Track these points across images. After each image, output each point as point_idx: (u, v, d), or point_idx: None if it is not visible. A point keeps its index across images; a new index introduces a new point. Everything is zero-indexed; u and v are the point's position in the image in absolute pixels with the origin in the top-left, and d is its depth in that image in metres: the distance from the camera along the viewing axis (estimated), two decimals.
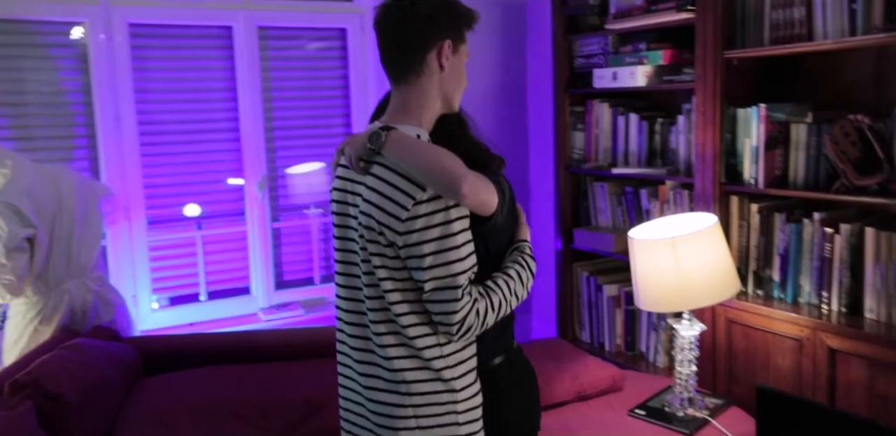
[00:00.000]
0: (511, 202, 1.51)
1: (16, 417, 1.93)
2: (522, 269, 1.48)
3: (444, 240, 1.32)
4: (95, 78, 2.99)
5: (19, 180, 2.52)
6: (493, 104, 3.72)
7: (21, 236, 2.44)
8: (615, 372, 2.64)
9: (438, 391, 1.40)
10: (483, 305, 1.36)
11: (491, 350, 1.53)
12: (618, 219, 3.10)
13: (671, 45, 2.73)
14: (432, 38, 1.41)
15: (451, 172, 1.29)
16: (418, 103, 1.44)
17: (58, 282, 2.58)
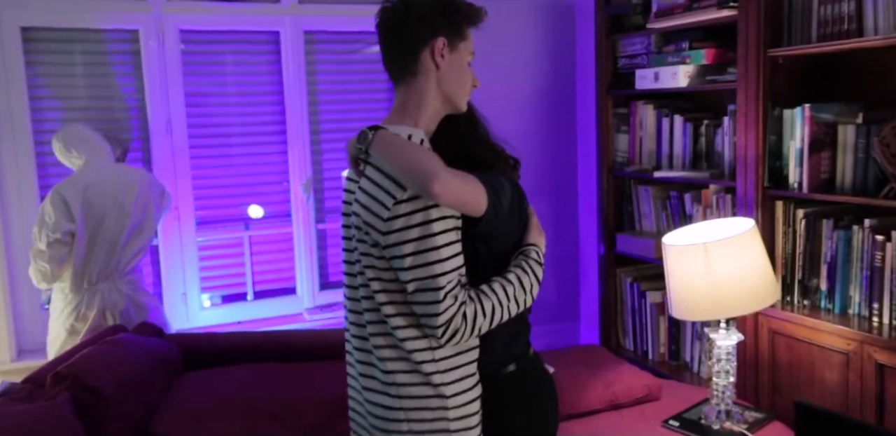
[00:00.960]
0: (517, 204, 1.47)
1: (52, 407, 2.01)
2: (525, 274, 1.43)
3: (424, 240, 1.30)
4: (148, 83, 3.11)
5: (82, 177, 2.67)
6: (542, 107, 3.68)
7: (64, 229, 2.57)
8: (651, 381, 2.56)
9: (428, 396, 1.38)
10: (472, 309, 1.33)
11: (500, 358, 1.49)
12: (662, 224, 3.02)
13: (715, 44, 2.64)
14: (425, 37, 1.39)
15: (423, 169, 1.27)
16: (415, 103, 1.42)
17: (93, 282, 2.68)
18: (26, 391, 2.08)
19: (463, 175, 1.32)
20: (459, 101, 1.47)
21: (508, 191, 1.43)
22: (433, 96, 1.43)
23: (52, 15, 2.97)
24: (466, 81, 1.47)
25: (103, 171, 2.71)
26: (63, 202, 2.58)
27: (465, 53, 1.45)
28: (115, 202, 2.69)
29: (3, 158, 2.94)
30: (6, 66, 2.92)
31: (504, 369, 1.50)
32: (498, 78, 3.58)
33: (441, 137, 1.47)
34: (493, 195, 1.36)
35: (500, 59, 3.57)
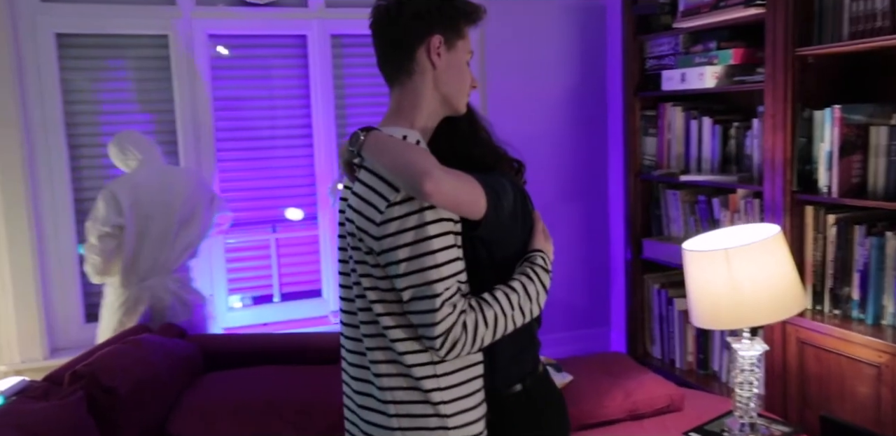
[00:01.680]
0: (520, 207, 1.40)
1: (66, 405, 2.05)
2: (530, 281, 1.34)
3: (419, 244, 1.23)
4: (177, 87, 3.15)
5: (134, 176, 2.78)
6: (572, 109, 3.63)
7: (113, 223, 2.67)
8: (673, 391, 2.49)
9: (427, 415, 1.30)
10: (473, 318, 1.25)
11: (506, 376, 1.41)
12: (690, 229, 2.93)
13: (744, 44, 2.56)
14: (420, 34, 1.34)
15: (414, 167, 1.20)
16: (411, 104, 1.37)
17: (142, 278, 2.77)
18: (43, 389, 2.12)
19: (459, 174, 1.26)
20: (458, 103, 1.41)
21: (511, 193, 1.36)
22: (430, 97, 1.38)
23: (85, 21, 3.04)
24: (465, 82, 1.41)
25: (154, 170, 2.82)
26: (113, 198, 2.70)
27: (463, 52, 1.40)
28: (163, 200, 2.78)
29: (38, 162, 3.02)
30: (41, 72, 3.00)
31: (510, 389, 1.41)
32: (528, 79, 3.54)
33: (441, 139, 1.42)
34: (494, 197, 1.29)
35: (530, 60, 3.54)
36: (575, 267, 3.77)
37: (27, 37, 2.97)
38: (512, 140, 3.73)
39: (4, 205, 2.92)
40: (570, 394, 2.45)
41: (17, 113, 2.92)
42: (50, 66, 3.01)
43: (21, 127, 2.93)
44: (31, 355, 3.01)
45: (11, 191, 2.93)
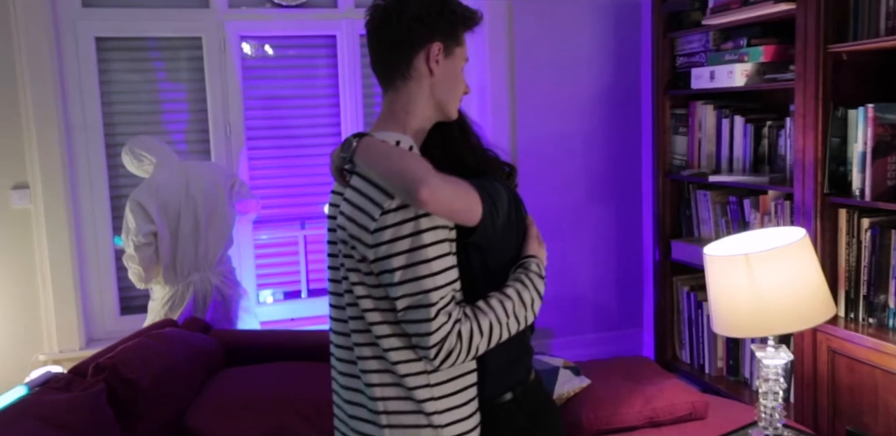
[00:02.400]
0: (514, 213, 1.38)
1: (86, 397, 2.10)
2: (525, 288, 1.31)
3: (414, 253, 1.21)
4: (209, 88, 3.21)
5: (153, 180, 2.85)
6: (606, 107, 3.56)
7: (146, 232, 2.76)
8: (696, 398, 2.42)
9: (420, 426, 1.28)
10: (468, 327, 1.22)
11: (496, 384, 1.38)
12: (721, 230, 2.85)
13: (777, 41, 2.47)
14: (420, 40, 1.32)
15: (410, 174, 1.18)
16: (404, 109, 1.35)
17: (185, 273, 2.87)
18: (66, 381, 2.18)
19: (455, 181, 1.24)
20: (450, 109, 1.39)
21: (505, 199, 1.34)
22: (424, 103, 1.36)
23: (123, 25, 3.11)
24: (459, 88, 1.39)
25: (172, 169, 2.88)
26: (140, 207, 2.78)
27: (460, 59, 1.38)
28: (188, 195, 2.85)
29: (77, 161, 3.11)
30: (81, 75, 3.09)
31: (500, 398, 1.39)
32: (560, 77, 3.50)
33: (432, 144, 1.40)
34: (489, 203, 1.27)
35: (562, 57, 3.49)
36: (608, 268, 3.71)
37: (69, 41, 3.06)
38: (542, 139, 3.70)
39: (45, 202, 3.02)
40: (587, 398, 2.42)
41: (58, 114, 3.01)
42: (90, 68, 3.10)
43: (61, 127, 3.02)
44: (68, 345, 3.11)
45: (52, 188, 3.02)
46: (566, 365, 2.56)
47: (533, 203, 3.48)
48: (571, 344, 3.70)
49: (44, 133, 2.99)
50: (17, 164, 3.01)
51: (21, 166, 3.01)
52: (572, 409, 2.40)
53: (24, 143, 2.99)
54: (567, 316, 3.70)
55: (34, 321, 3.09)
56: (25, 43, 2.93)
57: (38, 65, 2.95)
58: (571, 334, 3.72)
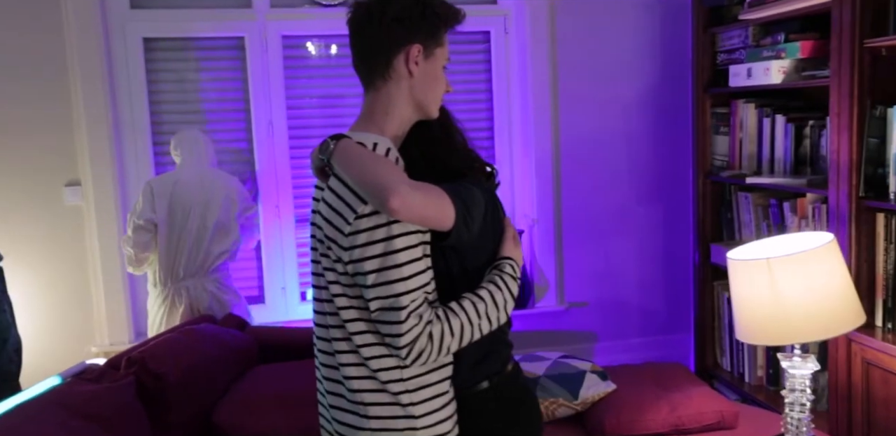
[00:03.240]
0: (491, 216, 1.39)
1: (115, 388, 2.18)
2: (498, 290, 1.34)
3: (386, 257, 1.24)
4: (252, 87, 3.28)
5: (174, 175, 2.91)
6: (653, 106, 3.47)
7: (146, 217, 2.81)
8: (726, 407, 2.34)
9: (396, 417, 1.32)
10: (439, 329, 1.26)
11: (472, 375, 1.43)
12: (763, 234, 2.74)
13: (816, 36, 2.35)
14: (400, 42, 1.33)
15: (381, 183, 1.20)
16: (384, 110, 1.37)
17: (178, 278, 2.88)
18: (98, 372, 2.27)
19: (427, 188, 1.26)
20: (431, 109, 1.40)
21: (482, 202, 1.35)
22: (403, 103, 1.37)
23: (169, 26, 3.22)
24: (439, 88, 1.40)
25: (195, 172, 2.92)
26: (150, 193, 2.84)
27: (440, 60, 1.38)
28: (202, 201, 2.87)
29: (126, 159, 3.23)
30: (130, 75, 3.21)
31: (476, 387, 1.43)
32: (606, 76, 3.43)
33: (413, 144, 1.42)
34: (463, 208, 1.28)
35: (606, 56, 3.42)
36: (655, 271, 3.62)
37: (117, 41, 3.18)
38: (585, 139, 3.64)
39: (95, 199, 3.15)
40: (612, 403, 2.37)
41: (108, 113, 3.13)
42: (137, 68, 3.21)
43: (111, 126, 3.15)
44: (118, 338, 3.24)
45: (102, 186, 3.15)
46: (593, 369, 2.52)
47: (576, 204, 3.48)
48: (615, 348, 3.63)
49: (94, 132, 3.11)
50: (69, 162, 3.14)
51: (73, 164, 3.15)
52: (596, 413, 2.37)
53: (76, 141, 3.13)
54: (611, 320, 3.64)
55: (86, 314, 3.22)
56: (77, 44, 3.06)
57: (89, 65, 3.08)
58: (616, 338, 3.66)
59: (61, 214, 3.17)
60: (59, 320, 3.19)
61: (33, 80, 3.06)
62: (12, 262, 3.05)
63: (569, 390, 2.40)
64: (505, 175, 3.54)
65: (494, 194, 1.44)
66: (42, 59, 3.07)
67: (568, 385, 2.41)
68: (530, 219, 3.50)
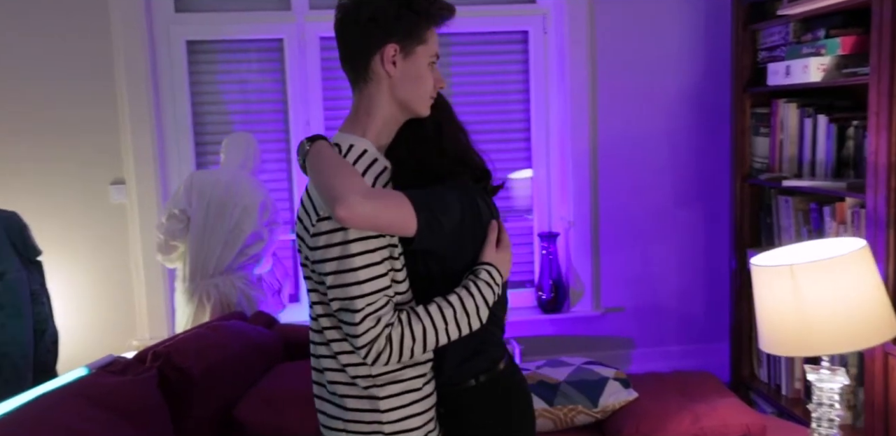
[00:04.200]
0: (470, 220, 1.35)
1: (138, 381, 2.23)
2: (469, 296, 1.31)
3: (342, 261, 1.24)
4: (290, 87, 3.33)
5: (215, 173, 2.98)
6: (694, 106, 3.37)
7: (180, 206, 2.88)
8: (753, 420, 2.24)
9: (364, 409, 1.34)
10: (399, 332, 1.25)
11: (458, 373, 1.42)
12: (803, 240, 2.61)
13: (860, 31, 2.23)
14: (375, 43, 1.31)
15: (332, 191, 1.19)
16: (366, 111, 1.36)
17: (207, 274, 2.92)
18: (123, 365, 2.33)
19: (383, 195, 1.25)
20: (417, 107, 1.37)
21: (456, 207, 1.32)
22: (386, 104, 1.36)
23: (212, 28, 3.29)
24: (424, 87, 1.36)
25: (236, 175, 2.97)
26: (191, 185, 2.90)
27: (423, 57, 1.35)
28: (240, 204, 2.90)
29: (168, 160, 3.33)
30: (173, 77, 3.29)
31: (463, 385, 1.42)
32: (645, 74, 3.35)
33: (402, 145, 1.40)
34: (428, 213, 1.26)
35: (647, 53, 3.34)
36: (695, 276, 3.51)
37: (162, 44, 3.27)
38: (624, 140, 3.57)
39: (138, 197, 3.25)
40: (633, 412, 2.30)
41: (151, 114, 3.23)
42: (181, 70, 3.30)
43: (154, 127, 3.24)
44: (158, 333, 3.33)
45: (145, 184, 3.25)
46: (617, 376, 2.45)
47: (613, 206, 3.40)
48: (652, 356, 3.54)
49: (138, 132, 3.21)
50: (115, 161, 3.25)
51: (119, 163, 3.25)
52: (616, 421, 2.30)
53: (122, 141, 3.23)
54: (648, 326, 3.54)
55: (129, 309, 3.33)
56: (123, 48, 3.16)
57: (135, 68, 3.18)
58: (653, 345, 3.56)
59: (107, 212, 3.28)
60: (103, 314, 3.30)
61: (82, 82, 3.18)
62: (60, 257, 3.19)
63: (588, 397, 2.34)
64: (541, 176, 3.49)
65: (482, 198, 1.40)
66: (90, 63, 3.18)
67: (588, 392, 2.35)
68: (566, 221, 3.44)
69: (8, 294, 2.44)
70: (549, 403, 2.34)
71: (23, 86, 3.15)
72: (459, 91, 3.44)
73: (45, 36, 3.14)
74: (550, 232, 3.44)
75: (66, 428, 1.91)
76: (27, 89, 3.15)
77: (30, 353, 2.49)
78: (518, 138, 3.50)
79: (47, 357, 2.58)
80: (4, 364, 2.44)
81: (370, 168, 1.33)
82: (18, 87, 3.15)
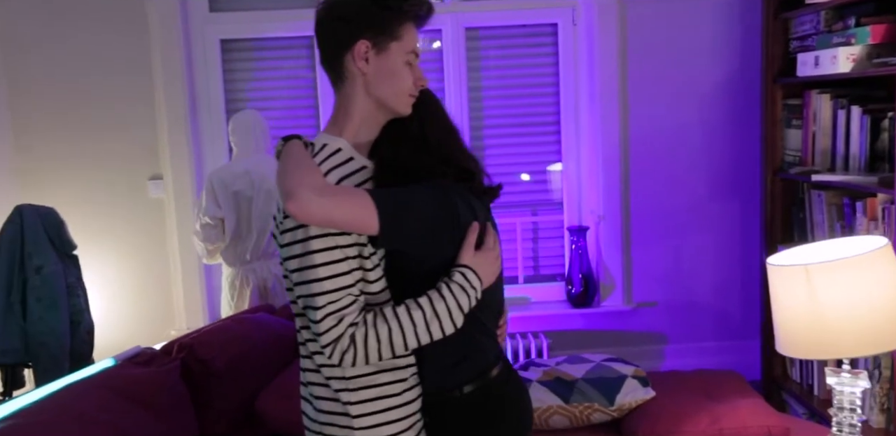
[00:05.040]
0: (445, 221, 1.32)
1: (161, 373, 2.31)
2: (440, 299, 1.28)
3: (304, 258, 1.25)
4: (321, 85, 3.36)
5: (231, 167, 3.04)
6: (727, 97, 3.27)
7: (212, 214, 2.94)
8: (775, 422, 2.18)
9: (336, 413, 1.33)
10: (363, 333, 1.24)
11: (439, 381, 1.40)
12: (836, 236, 2.52)
13: (892, 19, 2.13)
14: (345, 41, 1.31)
15: (286, 186, 1.20)
16: (344, 111, 1.37)
17: (246, 261, 3.01)
18: (148, 357, 2.41)
19: (340, 192, 1.24)
20: (395, 105, 1.37)
21: (430, 206, 1.30)
22: (362, 102, 1.36)
23: (244, 27, 3.34)
24: (400, 84, 1.35)
25: (252, 161, 3.02)
26: (212, 189, 2.96)
27: (397, 54, 1.34)
28: (265, 189, 2.97)
29: (204, 156, 3.40)
30: (208, 75, 3.36)
31: (448, 394, 1.39)
32: (676, 66, 3.27)
33: (386, 144, 1.39)
34: (393, 212, 1.25)
35: (679, 44, 3.26)
36: (730, 271, 3.42)
37: (197, 43, 3.34)
38: (656, 132, 3.50)
39: (175, 192, 3.34)
40: (649, 411, 2.27)
41: (187, 111, 3.31)
42: (215, 68, 3.36)
43: (189, 123, 3.32)
44: (194, 323, 3.42)
45: (181, 181, 3.33)
46: (636, 374, 2.42)
47: (645, 199, 3.34)
48: (686, 352, 3.47)
49: (174, 129, 3.29)
50: (153, 157, 3.34)
51: (156, 159, 3.34)
52: (632, 420, 2.27)
53: (159, 138, 3.32)
54: (682, 322, 3.47)
55: (167, 300, 3.43)
56: (160, 47, 3.24)
57: (171, 66, 3.25)
58: (687, 341, 3.49)
59: (145, 207, 3.37)
60: (142, 304, 3.40)
61: (121, 80, 3.27)
62: (102, 250, 3.31)
63: (605, 395, 2.31)
64: (571, 170, 3.45)
65: (462, 198, 1.37)
66: (129, 62, 3.27)
67: (605, 390, 2.32)
68: (596, 215, 3.39)
69: (45, 287, 2.54)
70: (566, 400, 2.32)
71: (65, 85, 3.26)
72: (489, 85, 3.42)
73: (84, 35, 3.23)
74: (580, 226, 3.40)
75: (88, 417, 1.98)
76: (69, 88, 3.26)
77: (66, 343, 2.60)
78: (548, 131, 3.46)
79: (83, 347, 2.68)
80: (42, 354, 2.55)
81: (340, 166, 1.32)
82: (61, 86, 3.26)
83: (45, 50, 3.24)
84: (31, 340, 2.52)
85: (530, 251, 3.57)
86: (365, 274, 1.29)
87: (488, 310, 1.45)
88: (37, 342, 2.52)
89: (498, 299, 1.50)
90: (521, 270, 3.54)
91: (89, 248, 3.18)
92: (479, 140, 3.46)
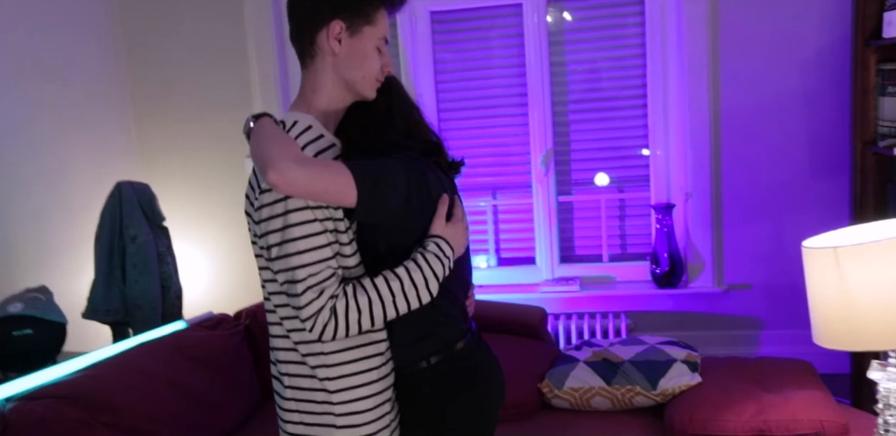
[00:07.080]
0: (418, 194, 1.35)
1: (223, 336, 2.50)
2: (417, 268, 1.31)
3: (284, 231, 1.26)
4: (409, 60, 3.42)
5: None
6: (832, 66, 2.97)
7: None
8: (832, 417, 2.00)
9: (314, 389, 1.36)
10: (343, 304, 1.26)
11: (407, 354, 1.42)
12: None
13: None
14: (321, 19, 1.33)
15: (265, 158, 1.22)
16: (312, 88, 1.39)
17: None
18: (216, 321, 2.60)
19: (320, 164, 1.26)
20: (362, 89, 1.39)
21: (402, 179, 1.32)
22: (330, 82, 1.38)
23: None
24: (369, 68, 1.37)
25: None
26: None
27: (369, 39, 1.36)
28: None
29: None
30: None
31: (413, 366, 1.42)
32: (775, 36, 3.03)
33: (353, 123, 1.42)
34: (370, 184, 1.27)
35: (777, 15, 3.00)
36: None
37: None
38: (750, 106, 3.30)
39: None
40: (690, 398, 2.17)
41: (279, 96, 3.49)
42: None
43: (280, 102, 3.50)
44: None
45: None
46: (687, 359, 2.31)
47: (738, 176, 3.17)
48: (783, 339, 3.25)
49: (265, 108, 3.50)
50: None
51: None
52: (674, 406, 2.17)
53: None
54: (780, 307, 3.24)
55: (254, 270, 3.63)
56: (254, 35, 3.43)
57: (264, 51, 3.44)
58: (785, 327, 3.26)
59: (245, 183, 3.61)
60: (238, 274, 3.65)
61: (221, 67, 3.49)
62: (204, 224, 3.58)
63: (649, 379, 2.22)
64: (659, 145, 3.28)
65: (431, 171, 1.39)
66: (226, 49, 3.47)
67: (650, 373, 2.23)
68: (683, 192, 3.22)
69: (139, 255, 2.81)
70: (608, 382, 2.26)
71: (170, 73, 3.52)
72: (572, 59, 3.33)
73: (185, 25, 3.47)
74: (668, 203, 3.25)
75: (151, 373, 2.20)
76: (174, 76, 3.53)
77: (158, 306, 2.86)
78: (635, 105, 3.32)
79: (173, 310, 2.94)
80: (138, 314, 2.83)
81: (313, 142, 1.35)
82: (166, 75, 3.52)
83: (161, 42, 3.51)
84: (129, 302, 2.80)
85: (616, 229, 3.46)
86: (341, 248, 1.32)
87: (458, 281, 1.46)
88: (133, 304, 2.80)
89: (466, 271, 1.51)
90: (606, 249, 3.44)
91: (194, 222, 3.46)
92: (562, 115, 3.39)
